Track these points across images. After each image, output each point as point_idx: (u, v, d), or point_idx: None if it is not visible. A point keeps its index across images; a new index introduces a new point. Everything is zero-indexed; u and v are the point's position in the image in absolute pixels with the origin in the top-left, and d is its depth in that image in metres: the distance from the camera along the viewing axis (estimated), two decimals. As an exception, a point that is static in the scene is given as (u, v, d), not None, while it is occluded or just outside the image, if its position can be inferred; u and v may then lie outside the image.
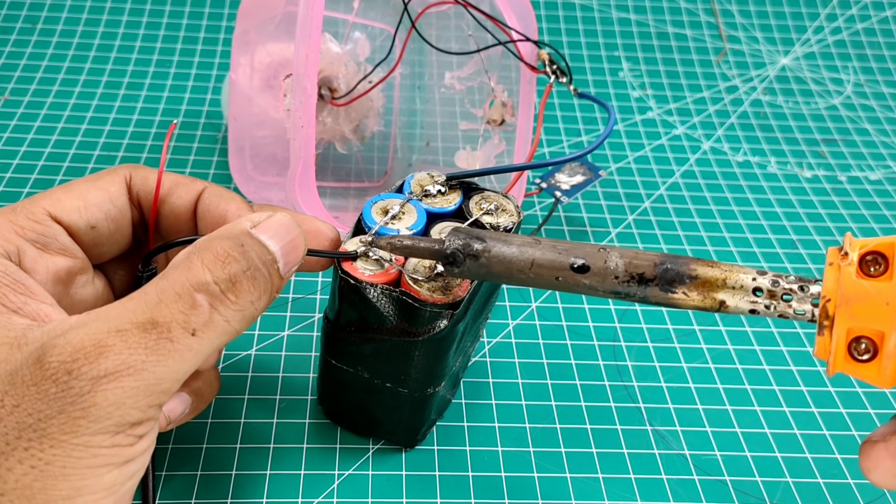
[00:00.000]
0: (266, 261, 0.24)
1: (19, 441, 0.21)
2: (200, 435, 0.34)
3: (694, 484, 0.34)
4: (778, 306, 0.23)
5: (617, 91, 0.61)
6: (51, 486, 0.21)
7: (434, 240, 0.26)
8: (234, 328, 0.23)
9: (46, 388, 0.21)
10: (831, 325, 0.22)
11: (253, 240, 0.24)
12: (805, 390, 0.39)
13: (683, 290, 0.23)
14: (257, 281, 0.23)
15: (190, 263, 0.23)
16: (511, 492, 0.33)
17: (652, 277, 0.24)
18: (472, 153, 0.46)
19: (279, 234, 0.25)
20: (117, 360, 0.21)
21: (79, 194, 0.27)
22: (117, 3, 0.62)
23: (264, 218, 0.25)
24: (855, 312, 0.22)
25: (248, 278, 0.23)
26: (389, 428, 0.33)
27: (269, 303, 0.25)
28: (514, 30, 0.40)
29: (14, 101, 0.53)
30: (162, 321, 0.22)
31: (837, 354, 0.22)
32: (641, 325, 0.42)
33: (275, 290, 0.25)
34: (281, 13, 0.41)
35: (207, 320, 0.22)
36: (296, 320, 0.40)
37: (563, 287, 0.25)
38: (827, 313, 0.22)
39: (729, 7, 0.69)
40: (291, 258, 0.25)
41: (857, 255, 0.22)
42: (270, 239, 0.24)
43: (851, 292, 0.22)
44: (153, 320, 0.22)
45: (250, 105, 0.42)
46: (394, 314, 0.28)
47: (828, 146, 0.58)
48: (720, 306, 0.23)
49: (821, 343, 0.22)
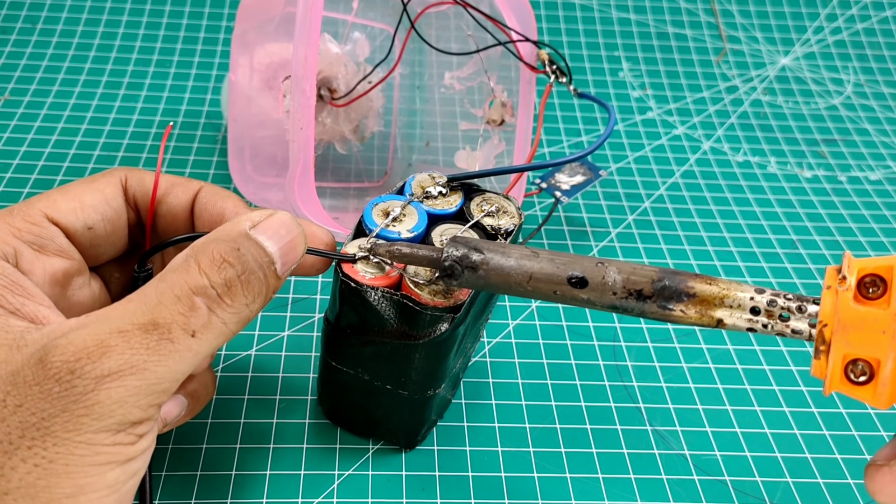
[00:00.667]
0: (262, 263, 0.24)
1: (22, 440, 0.21)
2: (200, 435, 0.34)
3: (694, 484, 0.34)
4: (775, 326, 0.23)
5: (617, 91, 0.61)
6: (54, 485, 0.21)
7: (433, 248, 0.26)
8: (231, 330, 0.24)
9: (49, 387, 0.21)
10: (827, 350, 0.22)
11: (250, 241, 0.24)
12: (805, 390, 0.39)
13: (681, 307, 0.24)
14: (251, 284, 0.24)
15: (188, 266, 0.23)
16: (511, 492, 0.33)
17: (650, 294, 0.24)
18: (472, 153, 0.46)
19: (278, 233, 0.25)
20: (120, 359, 0.21)
21: (75, 196, 0.28)
22: (117, 3, 0.62)
23: (264, 217, 0.25)
24: (851, 339, 0.22)
25: (242, 282, 0.23)
26: (389, 429, 0.33)
27: (265, 304, 0.25)
28: (513, 30, 0.40)
29: (14, 101, 0.53)
30: (163, 322, 0.22)
31: (833, 377, 0.22)
32: (641, 325, 0.42)
33: (271, 291, 0.25)
34: (280, 14, 0.41)
35: (206, 322, 0.23)
36: (296, 320, 0.40)
37: (561, 300, 0.25)
38: (823, 338, 0.22)
39: (729, 7, 0.69)
40: (290, 258, 0.25)
41: (855, 279, 0.22)
42: (269, 239, 0.25)
43: (848, 319, 0.22)
44: (154, 321, 0.22)
45: (250, 106, 0.42)
46: (394, 317, 0.28)
47: (828, 146, 0.58)
48: (717, 324, 0.24)
49: (817, 366, 0.23)
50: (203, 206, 0.29)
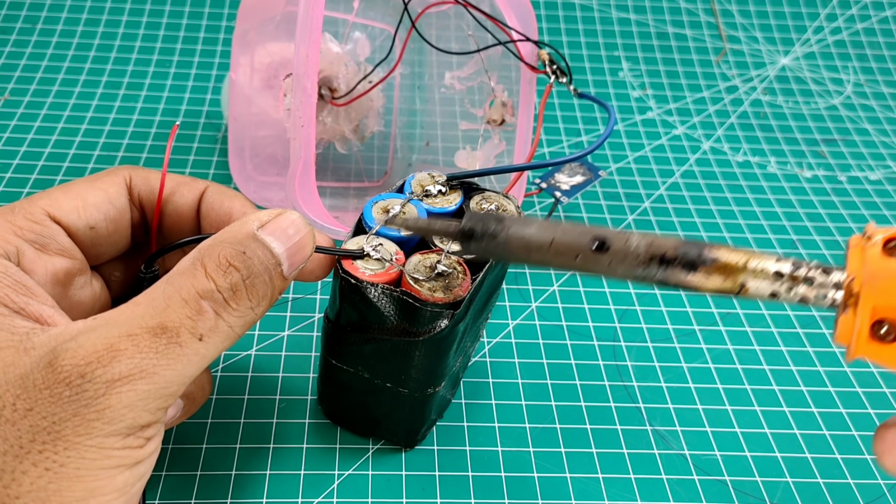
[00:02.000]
0: (269, 265, 0.24)
1: (33, 444, 0.21)
2: (200, 435, 0.34)
3: (694, 484, 0.34)
4: (799, 290, 0.23)
5: (617, 91, 0.61)
6: (65, 488, 0.21)
7: (450, 220, 0.26)
8: (237, 333, 0.24)
9: (60, 391, 0.21)
10: (856, 303, 0.22)
11: (257, 243, 0.24)
12: (805, 390, 0.39)
13: (704, 271, 0.23)
14: (256, 288, 0.24)
15: (195, 270, 0.23)
16: (511, 492, 0.33)
17: (673, 258, 0.23)
18: (472, 153, 0.46)
19: (286, 233, 0.25)
20: (130, 363, 0.21)
21: (77, 194, 0.27)
22: (117, 3, 0.62)
23: (272, 217, 0.25)
24: (881, 288, 0.21)
25: (247, 287, 0.23)
26: (389, 428, 0.33)
27: (271, 306, 0.25)
28: (514, 30, 0.40)
29: (14, 101, 0.53)
30: (171, 326, 0.22)
31: (861, 334, 0.22)
32: (641, 325, 0.42)
33: (277, 292, 0.25)
34: (281, 13, 0.41)
35: (213, 326, 0.23)
36: (296, 320, 0.40)
37: (582, 266, 0.24)
38: (851, 291, 0.22)
39: (729, 7, 0.69)
40: (297, 258, 0.25)
41: (882, 238, 0.22)
42: (276, 240, 0.25)
43: (877, 268, 0.21)
44: (163, 325, 0.22)
45: (250, 105, 0.42)
46: (394, 314, 0.28)
47: (828, 146, 0.58)
48: (740, 289, 0.23)
49: (843, 323, 0.22)
50: (209, 205, 0.29)
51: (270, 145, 0.43)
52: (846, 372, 0.40)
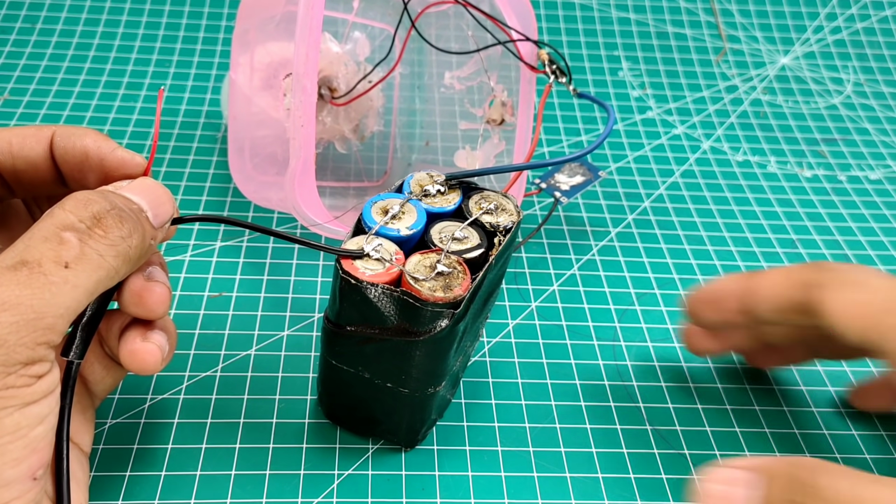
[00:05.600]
0: (132, 208, 0.25)
1: None
2: (200, 435, 0.34)
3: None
4: None
5: (617, 91, 0.61)
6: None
7: None
8: (110, 264, 0.24)
9: None
10: None
11: (115, 193, 0.25)
12: (805, 390, 0.39)
13: None
14: (124, 218, 0.24)
15: (52, 211, 0.24)
16: (511, 492, 0.33)
17: None
18: (472, 153, 0.46)
19: (143, 191, 0.26)
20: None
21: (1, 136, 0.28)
22: (117, 3, 0.62)
23: (127, 182, 0.27)
24: None
25: (113, 216, 0.24)
26: (389, 428, 0.33)
27: (145, 246, 0.25)
28: (513, 30, 0.40)
29: (14, 101, 0.53)
30: (31, 259, 0.22)
31: None
32: (641, 325, 0.42)
33: (148, 236, 0.25)
34: (281, 12, 0.41)
35: (79, 254, 0.23)
36: (295, 320, 0.40)
37: None
38: None
39: (729, 7, 0.69)
40: (161, 211, 0.26)
41: None
42: (134, 194, 0.26)
43: None
44: (23, 260, 0.22)
45: (250, 105, 0.42)
46: (395, 314, 0.28)
47: (828, 146, 0.58)
48: None
49: None
50: (63, 149, 0.28)
51: (270, 145, 0.43)
52: (846, 372, 0.40)
